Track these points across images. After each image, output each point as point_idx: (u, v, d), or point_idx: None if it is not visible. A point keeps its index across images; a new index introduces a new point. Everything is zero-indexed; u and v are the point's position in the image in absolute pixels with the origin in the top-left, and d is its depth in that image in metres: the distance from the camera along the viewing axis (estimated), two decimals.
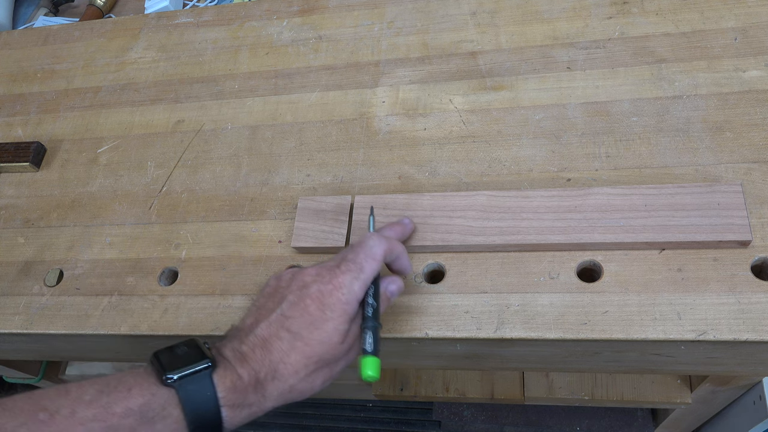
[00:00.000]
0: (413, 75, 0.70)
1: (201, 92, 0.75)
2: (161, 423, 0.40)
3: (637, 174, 0.58)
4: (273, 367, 0.43)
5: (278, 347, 0.43)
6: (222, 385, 0.42)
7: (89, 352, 0.72)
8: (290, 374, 0.43)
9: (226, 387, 0.42)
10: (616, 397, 0.94)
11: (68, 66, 0.83)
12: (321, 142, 0.68)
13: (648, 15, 0.67)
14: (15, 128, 0.79)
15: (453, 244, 0.56)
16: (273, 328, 0.44)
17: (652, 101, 0.61)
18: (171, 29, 0.82)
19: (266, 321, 0.45)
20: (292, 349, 0.43)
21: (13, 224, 0.71)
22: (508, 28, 0.70)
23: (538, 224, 0.55)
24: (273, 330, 0.44)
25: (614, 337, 0.50)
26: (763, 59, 0.61)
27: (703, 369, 0.57)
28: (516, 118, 0.64)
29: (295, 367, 0.43)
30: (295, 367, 0.43)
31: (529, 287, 0.54)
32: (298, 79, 0.73)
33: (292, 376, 0.43)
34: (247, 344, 0.44)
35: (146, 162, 0.71)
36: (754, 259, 0.51)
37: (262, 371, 0.43)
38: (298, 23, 0.78)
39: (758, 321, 0.49)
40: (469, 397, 1.02)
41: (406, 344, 0.56)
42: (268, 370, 0.43)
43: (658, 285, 0.52)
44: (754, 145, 0.57)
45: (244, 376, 0.43)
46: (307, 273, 0.47)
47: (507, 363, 0.60)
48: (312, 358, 0.44)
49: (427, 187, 0.62)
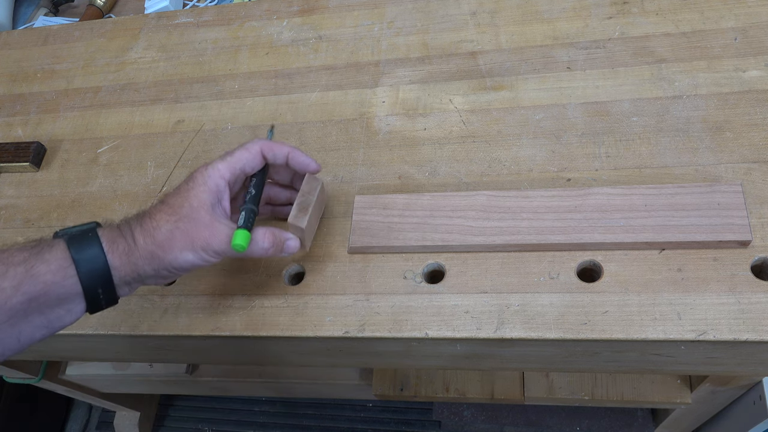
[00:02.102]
0: (413, 75, 0.70)
1: (201, 92, 0.75)
2: (48, 251, 0.47)
3: (637, 174, 0.58)
4: (140, 221, 0.50)
5: (149, 211, 0.51)
6: (101, 231, 0.49)
7: (89, 352, 0.72)
8: (153, 227, 0.50)
9: (104, 232, 0.49)
10: (616, 397, 0.94)
11: (68, 66, 0.83)
12: (321, 142, 0.68)
13: (648, 15, 0.67)
14: (15, 128, 0.79)
15: (453, 244, 0.56)
16: (154, 205, 0.52)
17: (652, 101, 0.61)
18: (171, 29, 0.82)
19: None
20: (158, 211, 0.51)
21: (13, 224, 0.71)
22: (508, 28, 0.70)
23: (538, 224, 0.55)
24: (153, 205, 0.52)
25: (614, 337, 0.50)
26: (763, 59, 0.61)
27: (703, 369, 0.57)
28: (516, 118, 0.64)
29: (158, 221, 0.50)
30: (158, 221, 0.50)
31: (529, 287, 0.54)
32: (298, 79, 0.73)
33: (156, 229, 0.50)
34: (132, 216, 0.52)
35: (146, 162, 0.71)
36: (754, 259, 0.51)
37: (133, 223, 0.51)
38: (298, 23, 0.78)
39: (758, 321, 0.49)
40: (469, 397, 1.02)
41: (406, 344, 0.56)
42: (136, 223, 0.50)
43: (658, 285, 0.52)
44: (754, 145, 0.57)
45: (121, 226, 0.50)
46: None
47: (507, 363, 0.60)
48: (173, 215, 0.50)
49: (427, 187, 0.62)
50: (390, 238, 0.58)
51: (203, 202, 0.51)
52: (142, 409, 1.37)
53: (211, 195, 0.51)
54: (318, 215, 0.59)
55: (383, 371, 1.06)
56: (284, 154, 0.55)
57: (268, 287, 0.59)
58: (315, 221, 0.58)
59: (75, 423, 1.48)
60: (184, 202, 0.51)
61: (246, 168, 0.54)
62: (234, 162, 0.53)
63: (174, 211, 0.50)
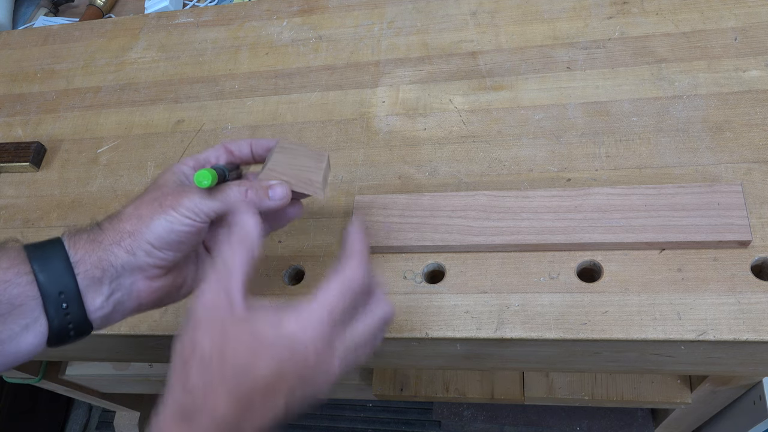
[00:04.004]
0: (413, 75, 0.70)
1: (201, 92, 0.75)
2: (1, 252, 0.40)
3: (637, 174, 0.58)
4: (112, 218, 0.44)
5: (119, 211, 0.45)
6: (65, 235, 0.43)
7: (89, 352, 0.72)
8: (119, 212, 0.44)
9: (67, 234, 0.43)
10: (616, 397, 0.94)
11: (68, 66, 0.83)
12: (321, 142, 0.67)
13: (648, 15, 0.67)
14: (15, 128, 0.79)
15: (453, 244, 0.56)
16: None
17: (652, 101, 0.61)
18: (171, 29, 0.82)
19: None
20: (124, 206, 0.45)
21: (13, 224, 0.71)
22: (508, 28, 0.70)
23: (538, 224, 0.55)
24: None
25: (614, 337, 0.50)
26: (763, 59, 0.61)
27: (703, 369, 0.57)
28: (516, 118, 0.64)
29: (124, 206, 0.44)
30: (124, 207, 0.44)
31: (529, 287, 0.54)
32: (298, 79, 0.73)
33: (121, 212, 0.44)
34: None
35: (146, 162, 0.71)
36: (754, 259, 0.51)
37: (100, 219, 0.45)
38: (298, 23, 0.78)
39: (758, 321, 0.49)
40: (469, 397, 1.02)
41: (406, 344, 0.56)
42: (103, 219, 0.44)
43: (658, 285, 0.52)
44: (754, 145, 0.57)
45: (86, 227, 0.44)
46: None
47: (507, 363, 0.60)
48: (138, 197, 0.45)
49: (427, 187, 0.62)
50: (390, 238, 0.58)
51: (167, 179, 0.46)
52: (142, 409, 1.37)
53: (174, 175, 0.46)
54: (308, 161, 0.50)
55: (383, 371, 1.06)
56: (247, 142, 0.50)
57: (267, 287, 0.59)
58: (304, 163, 0.50)
59: (75, 423, 1.48)
60: (148, 187, 0.46)
61: (210, 158, 0.48)
62: (198, 155, 0.48)
63: (138, 196, 0.45)
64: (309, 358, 0.37)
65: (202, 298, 0.38)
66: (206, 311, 0.38)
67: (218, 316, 0.37)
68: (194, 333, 0.38)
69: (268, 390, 0.37)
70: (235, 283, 0.38)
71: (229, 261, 0.39)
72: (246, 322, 0.37)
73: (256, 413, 0.37)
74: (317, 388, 0.39)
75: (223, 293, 0.38)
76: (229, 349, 0.37)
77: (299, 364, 0.37)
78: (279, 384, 0.37)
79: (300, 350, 0.37)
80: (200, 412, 0.36)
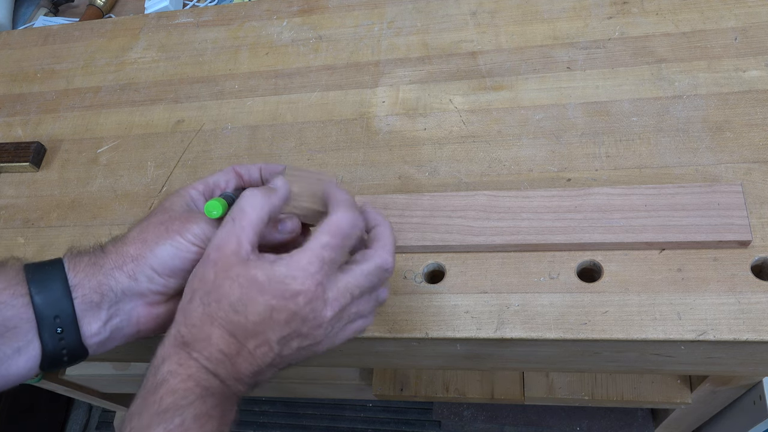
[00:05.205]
0: (413, 75, 0.70)
1: (201, 92, 0.75)
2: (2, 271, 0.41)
3: (637, 174, 0.58)
4: (116, 240, 0.45)
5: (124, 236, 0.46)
6: (66, 256, 0.44)
7: None
8: (124, 235, 0.45)
9: (68, 255, 0.44)
10: (616, 397, 0.94)
11: (68, 66, 0.83)
12: (321, 142, 0.68)
13: (648, 15, 0.67)
14: (15, 128, 0.79)
15: (453, 244, 0.56)
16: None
17: (652, 101, 0.61)
18: (171, 29, 0.82)
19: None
20: (129, 230, 0.45)
21: (13, 224, 0.71)
22: (508, 28, 0.70)
23: (538, 224, 0.55)
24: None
25: (614, 337, 0.50)
26: (763, 59, 0.61)
27: (703, 369, 0.57)
28: (516, 118, 0.64)
29: (129, 230, 0.45)
30: (129, 230, 0.45)
31: (529, 287, 0.54)
32: (298, 79, 0.73)
33: (126, 235, 0.45)
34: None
35: (146, 162, 0.71)
36: (754, 259, 0.51)
37: (104, 242, 0.45)
38: (298, 23, 0.78)
39: (758, 321, 0.49)
40: (469, 397, 1.02)
41: (406, 344, 0.56)
42: (107, 242, 0.45)
43: (658, 285, 0.52)
44: (754, 145, 0.57)
45: (89, 248, 0.44)
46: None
47: (507, 363, 0.60)
48: (143, 220, 0.45)
49: (427, 187, 0.62)
50: None
51: (174, 203, 0.46)
52: None
53: (182, 199, 0.46)
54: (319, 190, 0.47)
55: (383, 371, 1.06)
56: (257, 167, 0.50)
57: None
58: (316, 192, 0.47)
59: (75, 423, 1.48)
60: (155, 210, 0.46)
61: (220, 182, 0.48)
62: (206, 178, 0.48)
63: (144, 218, 0.46)
64: (298, 299, 0.39)
65: (216, 239, 0.41)
66: (216, 251, 0.41)
67: (225, 256, 0.40)
68: (203, 269, 0.41)
69: (259, 329, 0.40)
70: (248, 230, 0.41)
71: (248, 209, 0.41)
72: (246, 264, 0.40)
73: (248, 350, 0.40)
74: (312, 335, 0.41)
75: (234, 237, 0.40)
76: (226, 286, 0.40)
77: (289, 305, 0.39)
78: (270, 323, 0.40)
79: (289, 291, 0.39)
80: (198, 340, 0.40)
